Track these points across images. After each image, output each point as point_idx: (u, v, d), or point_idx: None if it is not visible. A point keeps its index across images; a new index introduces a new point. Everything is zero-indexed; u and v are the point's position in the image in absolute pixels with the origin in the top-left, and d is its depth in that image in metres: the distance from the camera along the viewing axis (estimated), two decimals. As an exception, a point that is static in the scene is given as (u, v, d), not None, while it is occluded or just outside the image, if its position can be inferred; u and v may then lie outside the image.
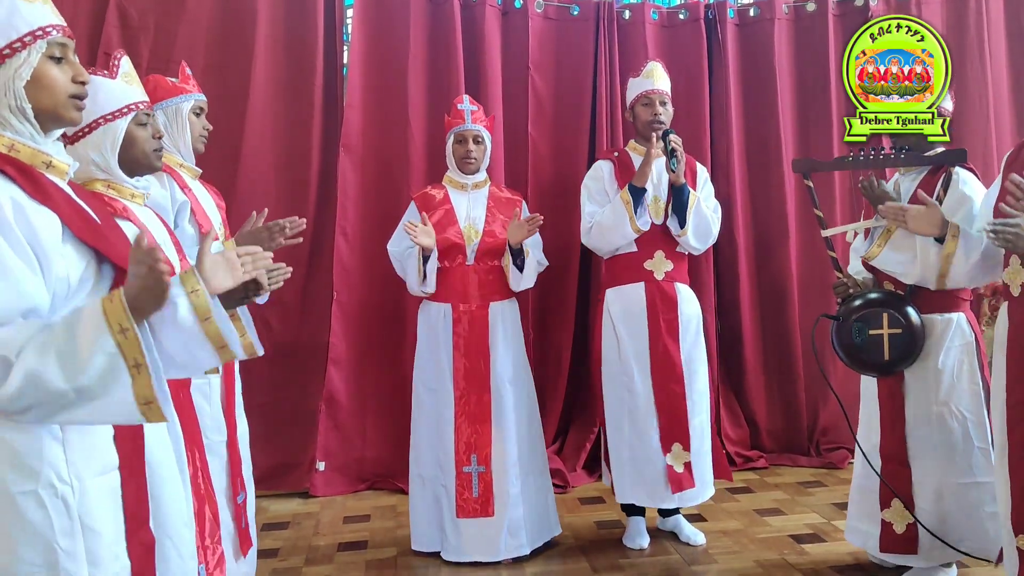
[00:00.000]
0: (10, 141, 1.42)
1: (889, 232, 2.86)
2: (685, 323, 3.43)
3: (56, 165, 1.48)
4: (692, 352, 3.46)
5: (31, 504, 1.33)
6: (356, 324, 4.39)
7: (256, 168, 4.27)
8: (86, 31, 4.00)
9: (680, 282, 3.48)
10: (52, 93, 1.45)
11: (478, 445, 3.29)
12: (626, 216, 3.32)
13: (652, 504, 3.45)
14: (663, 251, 3.43)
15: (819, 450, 4.70)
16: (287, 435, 4.31)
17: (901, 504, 2.88)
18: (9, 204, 1.34)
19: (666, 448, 3.36)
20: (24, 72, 1.41)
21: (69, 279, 1.39)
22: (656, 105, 3.42)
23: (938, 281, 2.74)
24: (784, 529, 3.62)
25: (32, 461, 1.34)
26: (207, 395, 2.52)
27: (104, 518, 1.43)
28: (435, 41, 4.46)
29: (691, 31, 4.70)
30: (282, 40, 4.33)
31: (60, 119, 1.48)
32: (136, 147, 2.09)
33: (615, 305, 3.47)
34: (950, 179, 2.84)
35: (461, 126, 3.38)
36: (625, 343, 3.41)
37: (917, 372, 2.88)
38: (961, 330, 2.88)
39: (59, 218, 1.40)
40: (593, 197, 3.49)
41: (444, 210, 3.37)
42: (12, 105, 1.42)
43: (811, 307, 4.63)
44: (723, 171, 4.70)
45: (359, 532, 3.76)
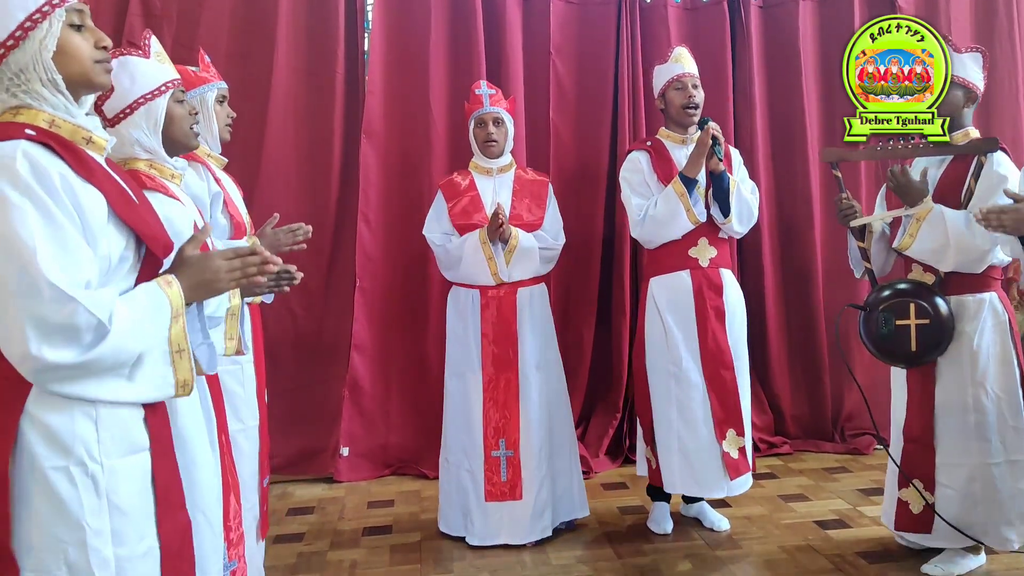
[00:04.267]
0: (50, 117, 1.43)
1: (919, 220, 2.83)
2: (732, 309, 3.40)
3: (95, 140, 1.48)
4: (738, 340, 3.42)
5: (63, 480, 1.36)
6: (379, 310, 4.41)
7: (278, 155, 4.29)
8: (110, 21, 4.03)
9: (725, 267, 3.43)
10: (79, 60, 1.45)
11: (506, 430, 3.30)
12: (681, 207, 3.26)
13: (704, 495, 3.39)
14: (707, 238, 3.37)
15: (844, 436, 4.67)
16: (311, 421, 4.35)
17: (920, 485, 2.89)
18: (59, 180, 1.35)
19: (721, 435, 3.32)
20: (49, 43, 1.42)
21: (111, 257, 1.42)
22: (689, 88, 3.37)
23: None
24: (809, 515, 3.61)
25: (65, 438, 1.36)
26: (240, 379, 2.55)
27: (132, 498, 1.44)
28: (455, 27, 4.45)
29: (714, 14, 4.66)
30: (303, 27, 4.34)
31: (91, 84, 1.49)
32: (176, 125, 2.11)
33: (660, 294, 3.40)
34: (981, 167, 2.80)
35: (480, 110, 3.37)
36: (673, 332, 3.35)
37: (951, 354, 2.86)
38: (994, 309, 2.87)
39: (104, 197, 1.41)
40: (636, 190, 3.42)
41: (470, 196, 3.37)
42: (43, 78, 1.42)
43: (836, 292, 4.60)
44: (747, 156, 4.63)
45: (383, 517, 3.78)
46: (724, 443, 3.32)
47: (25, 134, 1.37)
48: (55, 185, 1.34)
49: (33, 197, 1.32)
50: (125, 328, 1.35)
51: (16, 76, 1.41)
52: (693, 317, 3.35)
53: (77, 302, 1.30)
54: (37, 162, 1.34)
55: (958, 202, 2.84)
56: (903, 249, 2.90)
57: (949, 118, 2.90)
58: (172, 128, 2.10)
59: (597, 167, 4.52)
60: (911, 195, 2.87)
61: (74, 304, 1.30)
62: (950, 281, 2.86)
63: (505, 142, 3.42)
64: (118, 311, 1.35)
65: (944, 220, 2.78)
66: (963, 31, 4.63)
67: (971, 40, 4.59)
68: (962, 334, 2.85)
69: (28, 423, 1.35)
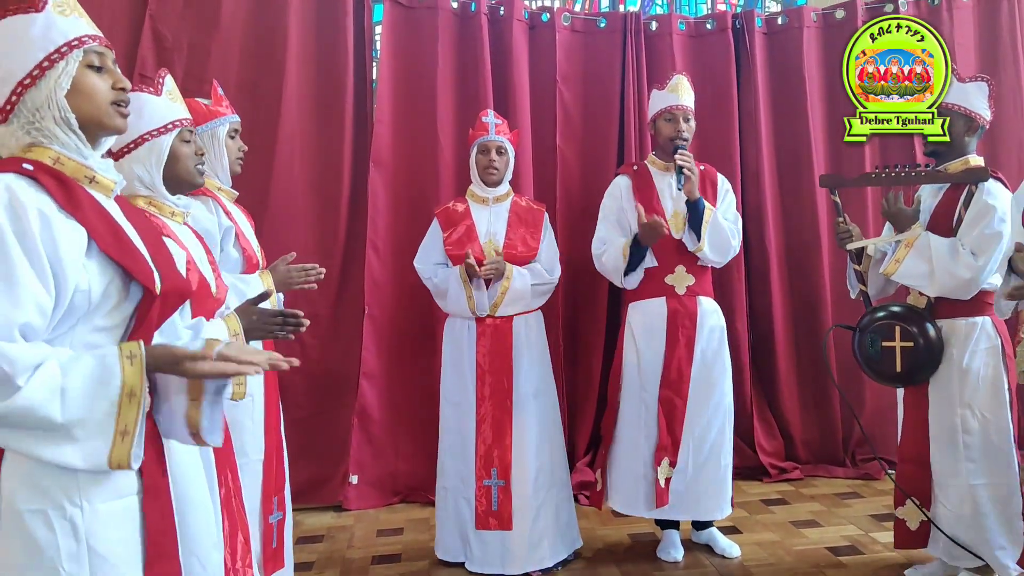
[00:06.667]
0: (56, 154, 1.43)
1: (907, 246, 2.89)
2: (706, 336, 3.41)
3: (100, 180, 1.48)
4: (713, 365, 3.42)
5: (39, 523, 1.32)
6: (388, 338, 4.42)
7: (288, 184, 4.32)
8: (122, 51, 4.08)
9: (702, 295, 3.45)
10: (93, 100, 1.46)
11: (499, 459, 3.29)
12: (621, 268, 3.39)
13: (630, 512, 3.47)
14: (683, 265, 3.41)
15: (855, 461, 4.64)
16: (320, 449, 4.34)
17: (915, 503, 2.93)
18: (36, 214, 1.33)
19: (657, 460, 3.35)
20: (64, 82, 1.43)
21: (91, 293, 1.38)
22: (680, 121, 3.40)
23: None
24: (821, 541, 3.58)
25: (44, 480, 1.33)
26: (250, 412, 2.52)
27: (115, 545, 1.39)
28: (463, 56, 4.50)
29: (719, 41, 4.70)
30: (313, 57, 4.39)
31: (104, 127, 1.49)
32: (180, 163, 2.12)
33: (636, 320, 3.47)
34: (971, 196, 2.84)
35: (485, 137, 3.40)
36: (645, 357, 3.41)
37: (941, 375, 2.92)
38: (987, 333, 2.91)
39: (86, 231, 1.39)
40: (606, 217, 3.53)
41: (465, 226, 3.39)
42: (56, 116, 1.43)
43: (845, 316, 4.58)
44: (753, 181, 4.69)
45: (392, 545, 3.77)
46: (659, 469, 3.34)
47: (21, 168, 1.37)
48: (28, 220, 1.32)
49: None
50: (41, 394, 1.26)
51: (33, 114, 1.43)
52: (663, 344, 3.38)
53: None
54: (16, 196, 1.33)
55: (950, 229, 2.88)
56: (888, 274, 2.98)
57: (951, 146, 2.93)
58: (176, 166, 2.11)
59: (603, 193, 4.52)
60: (901, 222, 2.98)
61: None
62: (942, 305, 2.92)
63: (505, 171, 3.44)
64: (42, 373, 1.27)
65: (930, 247, 2.84)
66: (967, 56, 4.65)
67: (976, 63, 4.61)
68: (952, 356, 2.89)
69: (6, 464, 1.33)
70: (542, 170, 4.53)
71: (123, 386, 1.33)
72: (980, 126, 2.96)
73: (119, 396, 1.32)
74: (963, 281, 2.80)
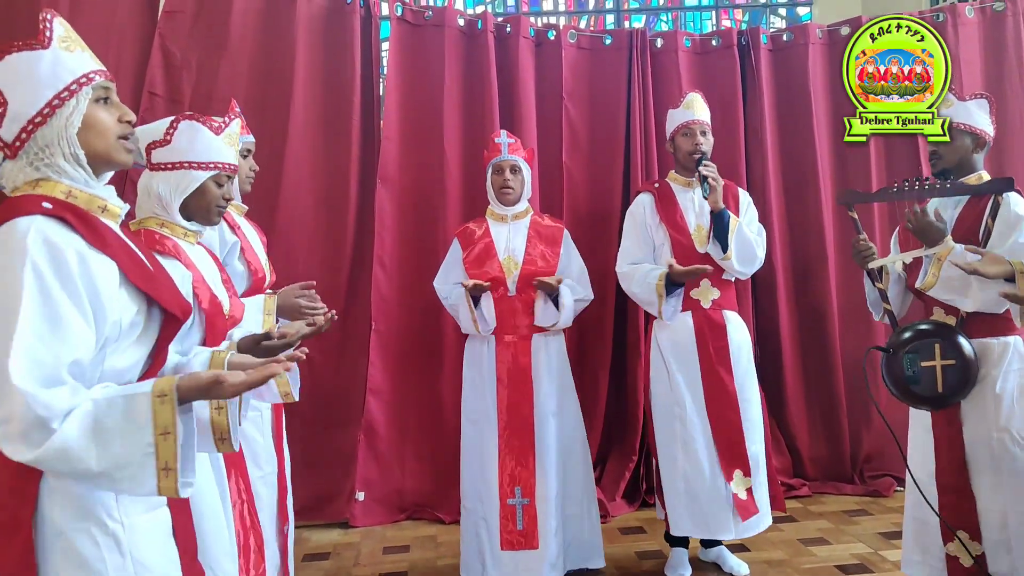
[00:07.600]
0: (67, 188, 1.45)
1: (940, 260, 2.79)
2: (736, 350, 3.40)
3: (110, 209, 1.50)
4: (744, 380, 3.41)
5: (85, 541, 1.37)
6: (394, 354, 4.42)
7: (296, 201, 4.34)
8: (131, 70, 4.10)
9: (728, 309, 3.45)
10: (103, 136, 1.48)
11: (522, 478, 3.27)
12: (655, 304, 3.39)
13: (711, 535, 3.36)
14: (709, 279, 3.40)
15: (864, 478, 4.62)
16: (326, 465, 4.33)
17: (966, 536, 2.77)
18: (75, 257, 1.36)
19: (728, 476, 3.31)
20: (76, 119, 1.45)
21: (121, 323, 1.42)
22: (697, 135, 3.42)
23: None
24: (830, 559, 3.56)
25: (83, 499, 1.37)
26: (259, 426, 2.54)
27: (155, 554, 1.45)
28: (470, 73, 4.52)
29: (724, 57, 4.71)
30: (320, 76, 4.41)
31: (111, 162, 1.51)
32: (204, 199, 2.12)
33: (663, 336, 3.45)
34: (998, 207, 2.78)
35: (499, 157, 3.42)
36: (676, 374, 3.38)
37: (975, 398, 2.78)
38: (1019, 353, 2.78)
39: (117, 265, 1.43)
40: (630, 233, 3.54)
41: (484, 244, 3.40)
42: (66, 152, 1.45)
43: (852, 332, 4.58)
44: (759, 196, 4.67)
45: (399, 562, 3.75)
46: (732, 484, 3.30)
47: (42, 207, 1.38)
48: (69, 265, 1.35)
49: (40, 280, 1.31)
50: (76, 439, 1.29)
51: (42, 150, 1.44)
52: (696, 359, 3.37)
53: (24, 397, 1.26)
54: (50, 239, 1.34)
55: (977, 242, 2.82)
56: (926, 289, 2.84)
57: (960, 164, 2.89)
58: (199, 200, 2.12)
59: (610, 210, 4.54)
60: (931, 235, 2.80)
61: (21, 398, 1.26)
62: (972, 324, 2.81)
63: (521, 190, 3.45)
64: (75, 418, 1.30)
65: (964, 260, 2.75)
66: (973, 72, 4.66)
67: (981, 78, 4.62)
68: (986, 377, 2.77)
69: (46, 488, 1.36)
70: (548, 187, 4.54)
71: (155, 428, 1.34)
72: (986, 142, 2.93)
73: (153, 437, 1.34)
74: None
